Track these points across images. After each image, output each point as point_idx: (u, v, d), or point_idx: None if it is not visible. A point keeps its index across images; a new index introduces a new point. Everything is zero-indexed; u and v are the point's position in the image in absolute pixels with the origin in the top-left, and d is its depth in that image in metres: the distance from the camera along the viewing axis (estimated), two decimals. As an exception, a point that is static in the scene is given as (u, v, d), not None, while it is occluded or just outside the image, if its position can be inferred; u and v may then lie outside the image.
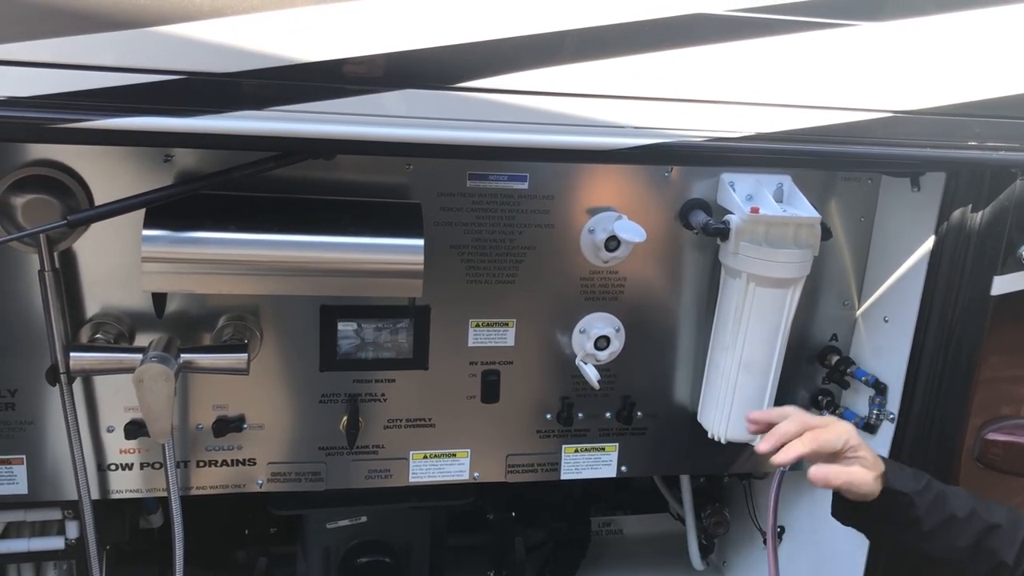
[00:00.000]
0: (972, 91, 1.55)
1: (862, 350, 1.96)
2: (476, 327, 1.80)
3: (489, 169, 1.70)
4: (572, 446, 1.93)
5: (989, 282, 1.67)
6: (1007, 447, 1.74)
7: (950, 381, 1.74)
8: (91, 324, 1.62)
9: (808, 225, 1.71)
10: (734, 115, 1.48)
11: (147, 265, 1.44)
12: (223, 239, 1.47)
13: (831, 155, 1.56)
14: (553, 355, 1.85)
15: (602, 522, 2.69)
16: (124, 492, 1.76)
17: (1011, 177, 1.61)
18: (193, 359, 1.56)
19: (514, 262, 1.77)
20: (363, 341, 1.73)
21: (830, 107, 1.52)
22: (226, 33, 1.26)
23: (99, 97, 1.23)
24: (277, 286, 1.51)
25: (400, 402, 1.81)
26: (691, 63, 1.44)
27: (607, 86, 1.42)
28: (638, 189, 1.77)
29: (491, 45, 1.36)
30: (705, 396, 1.89)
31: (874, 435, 1.92)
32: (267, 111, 1.31)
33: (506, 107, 1.39)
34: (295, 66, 1.30)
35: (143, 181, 1.52)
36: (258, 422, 1.76)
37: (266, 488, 1.81)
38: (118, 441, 1.70)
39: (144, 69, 1.25)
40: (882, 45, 1.50)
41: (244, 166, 1.46)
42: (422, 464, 1.87)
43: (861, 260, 1.94)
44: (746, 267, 1.70)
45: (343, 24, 1.30)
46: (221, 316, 1.68)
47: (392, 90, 1.35)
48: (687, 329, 1.90)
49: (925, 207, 1.76)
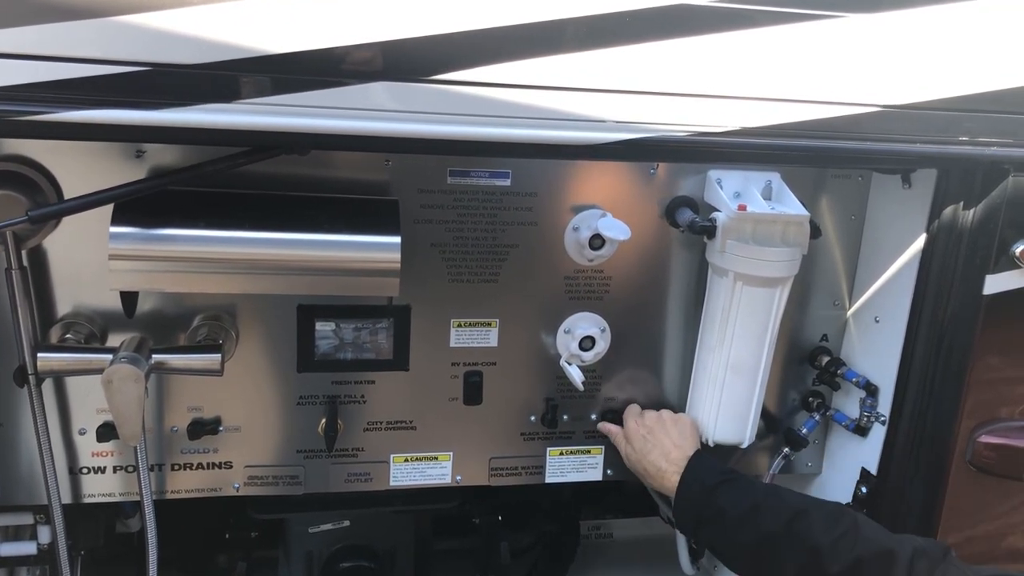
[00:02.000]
0: (963, 86, 1.52)
1: (853, 351, 1.93)
2: (458, 327, 1.76)
3: (470, 165, 1.67)
4: (557, 449, 1.89)
5: (981, 281, 1.63)
6: (1000, 450, 1.71)
7: (942, 383, 1.71)
8: (61, 324, 1.58)
9: (796, 223, 1.67)
10: (719, 109, 1.45)
11: (115, 263, 1.40)
12: (193, 236, 1.43)
13: (819, 151, 1.53)
14: (537, 356, 1.81)
15: (592, 525, 2.65)
16: (97, 496, 1.72)
17: (1003, 174, 1.58)
18: (165, 360, 1.53)
19: (497, 261, 1.73)
20: (342, 341, 1.70)
21: (818, 101, 1.49)
22: (193, 23, 1.22)
23: (59, 89, 1.20)
24: (249, 285, 1.47)
25: (380, 404, 1.77)
26: (675, 56, 1.41)
27: (588, 79, 1.39)
28: (623, 186, 1.74)
29: (470, 36, 1.33)
30: (692, 397, 1.85)
31: (865, 437, 1.88)
32: (237, 104, 1.28)
33: (485, 101, 1.36)
34: (266, 57, 1.26)
35: (115, 177, 1.48)
36: (234, 424, 1.72)
37: (243, 492, 1.77)
38: (90, 444, 1.66)
39: (107, 60, 1.21)
40: (872, 38, 1.48)
41: (214, 161, 1.42)
42: (403, 467, 1.83)
43: (852, 259, 1.90)
44: (733, 266, 1.67)
45: (317, 14, 1.27)
46: (196, 316, 1.64)
47: (367, 83, 1.31)
48: (674, 329, 1.86)
49: (916, 205, 1.73)
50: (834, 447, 2.01)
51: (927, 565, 1.41)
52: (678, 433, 1.75)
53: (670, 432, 1.75)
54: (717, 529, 1.60)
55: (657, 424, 1.78)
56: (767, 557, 1.55)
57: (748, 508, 1.56)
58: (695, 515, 1.63)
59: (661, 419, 1.79)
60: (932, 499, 1.76)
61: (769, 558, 1.54)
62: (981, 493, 1.76)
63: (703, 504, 1.62)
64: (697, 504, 1.63)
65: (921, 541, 1.47)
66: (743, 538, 1.57)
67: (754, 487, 1.62)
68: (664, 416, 1.80)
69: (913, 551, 1.43)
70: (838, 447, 1.99)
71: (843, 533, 1.48)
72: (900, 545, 1.45)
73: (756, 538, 1.55)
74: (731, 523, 1.57)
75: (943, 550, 1.45)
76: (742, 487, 1.61)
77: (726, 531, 1.59)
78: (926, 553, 1.43)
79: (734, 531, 1.57)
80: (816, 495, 2.06)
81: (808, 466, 2.04)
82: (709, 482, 1.62)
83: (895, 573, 1.41)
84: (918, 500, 1.78)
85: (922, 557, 1.42)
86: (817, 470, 2.05)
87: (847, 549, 1.46)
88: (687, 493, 1.65)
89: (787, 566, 1.52)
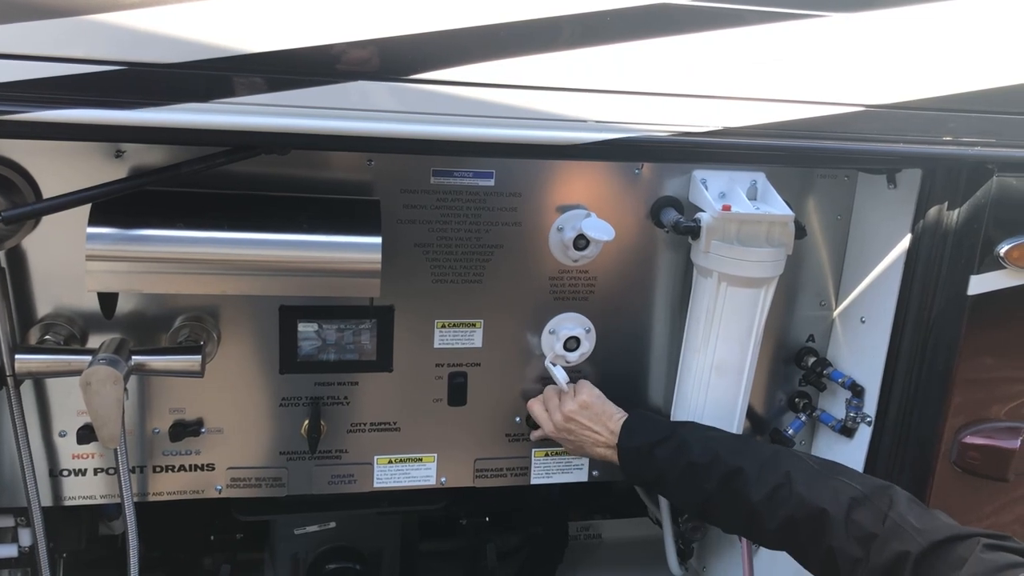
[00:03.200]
0: (947, 86, 1.51)
1: (839, 351, 1.92)
2: (442, 328, 1.75)
3: (453, 165, 1.66)
4: (542, 450, 1.88)
5: (966, 282, 1.63)
6: (984, 450, 1.70)
7: (927, 383, 1.70)
8: (41, 325, 1.57)
9: (781, 223, 1.67)
10: (701, 109, 1.44)
11: (92, 264, 1.39)
12: (172, 237, 1.42)
13: (802, 151, 1.52)
14: (522, 357, 1.81)
15: (581, 526, 2.65)
16: (78, 498, 1.70)
17: (987, 173, 1.57)
18: (145, 361, 1.52)
19: (481, 261, 1.73)
20: (324, 342, 1.69)
21: (802, 101, 1.48)
22: (171, 21, 1.21)
23: (36, 88, 1.18)
24: (228, 285, 1.46)
25: (364, 405, 1.76)
26: (658, 55, 1.40)
27: (571, 79, 1.38)
28: (608, 186, 1.73)
29: (452, 35, 1.32)
30: (678, 398, 1.84)
31: (851, 438, 1.88)
32: (216, 103, 1.27)
33: (466, 100, 1.35)
34: (246, 56, 1.25)
35: (94, 176, 1.46)
36: (217, 426, 1.71)
37: (226, 494, 1.76)
38: (71, 446, 1.65)
39: (85, 59, 1.20)
40: (855, 38, 1.47)
41: (192, 161, 1.41)
42: (387, 469, 1.82)
43: (838, 259, 1.90)
44: (717, 266, 1.66)
45: (296, 13, 1.26)
46: (178, 317, 1.63)
47: (348, 82, 1.30)
48: (659, 330, 1.85)
49: (902, 205, 1.72)
50: (821, 448, 2.00)
51: (870, 515, 1.35)
52: (589, 417, 1.72)
53: (585, 423, 1.72)
54: (665, 489, 1.66)
55: (568, 423, 1.73)
56: (715, 513, 1.58)
57: (685, 467, 1.56)
58: (641, 479, 1.68)
59: (568, 416, 1.73)
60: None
61: (717, 515, 1.58)
62: (967, 494, 1.76)
63: (645, 467, 1.63)
64: (640, 468, 1.65)
65: (861, 486, 1.40)
66: (689, 496, 1.59)
67: (687, 445, 1.58)
68: (568, 409, 1.73)
69: (850, 502, 1.37)
70: (825, 448, 1.99)
71: (776, 488, 1.45)
72: (835, 498, 1.39)
73: (699, 497, 1.56)
74: (673, 483, 1.60)
75: (884, 489, 1.38)
76: (676, 445, 1.59)
77: (672, 490, 1.63)
78: (868, 500, 1.36)
79: (678, 490, 1.61)
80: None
81: (795, 467, 2.03)
82: (644, 447, 1.63)
83: (832, 529, 1.36)
84: (904, 501, 1.77)
85: (861, 505, 1.36)
86: (804, 471, 2.04)
87: (780, 505, 1.44)
88: (627, 463, 1.67)
89: (732, 523, 1.57)
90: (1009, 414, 1.74)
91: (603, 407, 1.74)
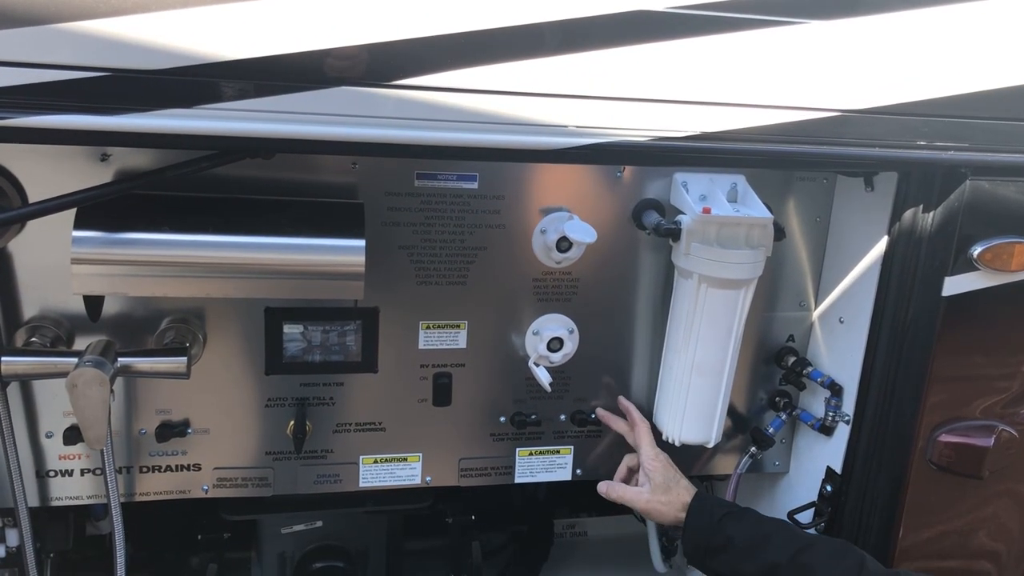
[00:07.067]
0: (922, 91, 1.53)
1: (818, 351, 1.95)
2: (427, 329, 1.77)
3: (437, 168, 1.67)
4: (526, 449, 1.91)
5: (940, 283, 1.65)
6: (959, 448, 1.73)
7: (903, 383, 1.73)
8: (27, 327, 1.58)
9: (760, 225, 1.69)
10: (681, 114, 1.46)
11: (77, 267, 1.40)
12: (157, 240, 1.43)
13: (780, 155, 1.54)
14: (506, 357, 1.83)
15: (566, 524, 2.66)
16: (64, 499, 1.72)
17: (961, 177, 1.60)
18: (131, 363, 1.53)
19: (465, 263, 1.74)
20: (310, 344, 1.70)
21: (780, 106, 1.50)
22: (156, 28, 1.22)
23: (19, 94, 1.19)
24: (212, 288, 1.47)
25: (349, 406, 1.78)
26: (638, 61, 1.42)
27: (551, 84, 1.39)
28: (590, 189, 1.75)
29: (434, 42, 1.33)
30: (659, 398, 1.87)
31: (830, 437, 1.91)
32: (200, 109, 1.28)
33: (449, 105, 1.36)
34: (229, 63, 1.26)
35: (80, 180, 1.47)
36: (203, 427, 1.73)
37: (212, 494, 1.77)
38: (57, 447, 1.66)
39: (69, 66, 1.21)
40: (832, 44, 1.49)
41: (177, 165, 1.42)
42: (373, 468, 1.84)
43: (817, 260, 1.93)
44: (697, 268, 1.68)
45: (279, 19, 1.27)
46: (164, 319, 1.64)
47: (332, 87, 1.32)
48: (641, 331, 1.88)
49: (878, 208, 1.75)
50: (801, 446, 2.04)
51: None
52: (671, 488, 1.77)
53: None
54: (724, 557, 1.63)
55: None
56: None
57: (758, 537, 1.60)
58: (704, 544, 1.66)
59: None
60: (894, 498, 1.78)
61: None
62: (943, 491, 1.79)
63: (711, 533, 1.65)
64: (705, 533, 1.66)
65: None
66: (749, 567, 1.60)
67: (762, 520, 1.67)
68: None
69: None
70: (805, 446, 2.02)
71: (847, 569, 1.51)
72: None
73: (762, 567, 1.58)
74: (738, 551, 1.61)
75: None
76: (750, 519, 1.66)
77: (733, 559, 1.62)
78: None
79: (741, 559, 1.61)
80: (783, 494, 2.10)
81: (776, 465, 2.06)
82: (716, 514, 1.67)
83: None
84: (881, 499, 1.80)
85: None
86: (784, 469, 2.07)
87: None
88: (695, 524, 1.68)
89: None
90: (983, 413, 1.77)
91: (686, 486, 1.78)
